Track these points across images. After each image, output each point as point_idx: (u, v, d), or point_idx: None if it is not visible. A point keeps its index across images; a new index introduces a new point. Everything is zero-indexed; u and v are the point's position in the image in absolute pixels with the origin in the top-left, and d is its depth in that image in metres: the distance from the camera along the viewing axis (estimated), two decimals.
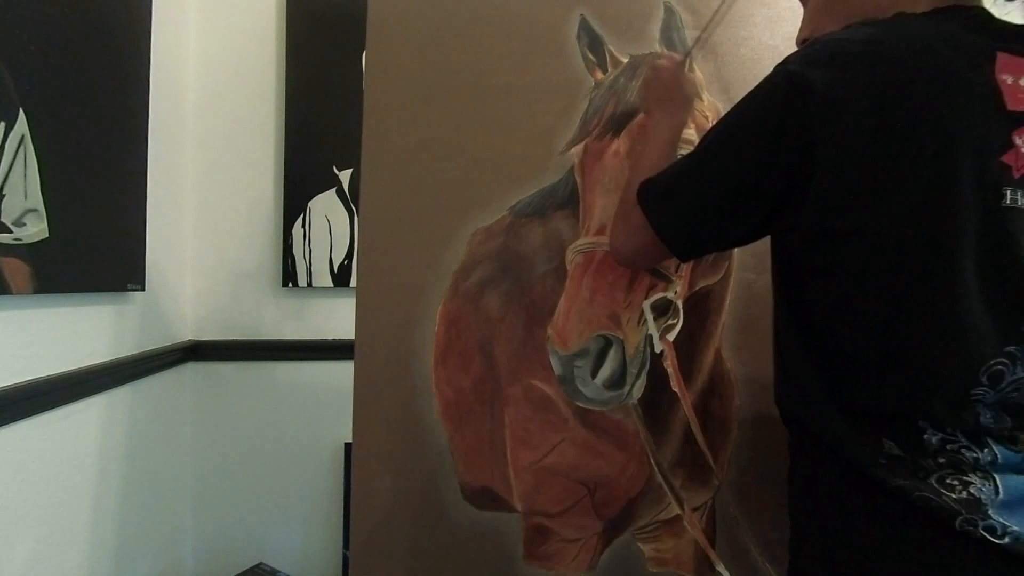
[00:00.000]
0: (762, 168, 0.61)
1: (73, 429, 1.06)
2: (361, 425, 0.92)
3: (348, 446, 1.57)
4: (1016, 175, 0.55)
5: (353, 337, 0.93)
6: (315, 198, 1.63)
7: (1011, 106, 0.56)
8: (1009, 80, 0.56)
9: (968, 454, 0.55)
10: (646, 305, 0.94)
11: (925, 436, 0.56)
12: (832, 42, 0.60)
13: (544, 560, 0.92)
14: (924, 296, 0.56)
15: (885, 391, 0.58)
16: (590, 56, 1.02)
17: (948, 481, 0.54)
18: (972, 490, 0.54)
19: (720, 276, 0.98)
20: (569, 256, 0.96)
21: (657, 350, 0.95)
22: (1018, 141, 0.56)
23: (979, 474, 0.54)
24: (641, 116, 0.98)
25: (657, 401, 0.94)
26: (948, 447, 0.56)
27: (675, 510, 0.93)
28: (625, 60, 1.02)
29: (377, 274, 0.95)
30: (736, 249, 0.96)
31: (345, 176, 1.64)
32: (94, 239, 1.10)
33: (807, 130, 0.58)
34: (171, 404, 1.49)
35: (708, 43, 1.02)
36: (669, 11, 1.03)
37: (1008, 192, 0.55)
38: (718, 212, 0.66)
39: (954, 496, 0.54)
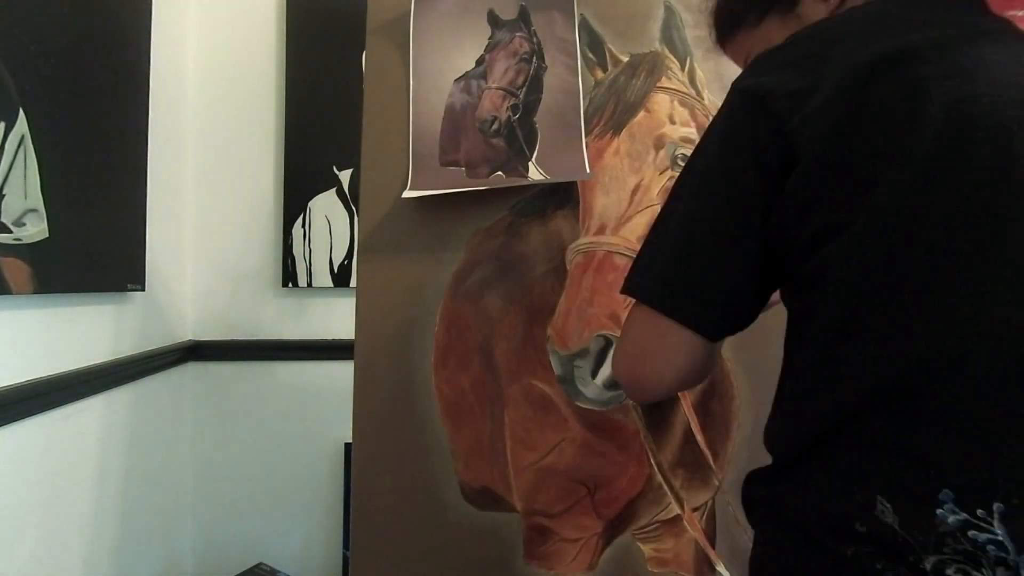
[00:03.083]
0: (753, 191, 0.53)
1: (73, 429, 1.06)
2: (361, 425, 0.92)
3: (348, 446, 1.57)
4: None
5: (353, 337, 0.93)
6: (315, 198, 1.63)
7: None
8: None
9: (996, 552, 0.39)
10: None
11: (940, 511, 0.41)
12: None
13: (544, 560, 0.92)
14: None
15: (908, 427, 0.44)
16: (590, 55, 1.02)
17: (948, 572, 0.40)
18: None
19: None
20: (569, 256, 0.96)
21: None
22: None
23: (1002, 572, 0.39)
24: (642, 114, 0.98)
25: (657, 401, 0.94)
26: (970, 533, 0.40)
27: (675, 510, 0.93)
28: (625, 59, 1.02)
29: (377, 274, 0.95)
30: None
31: (345, 176, 1.64)
32: (94, 239, 1.10)
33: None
34: (171, 404, 1.49)
35: (708, 42, 1.02)
36: (669, 10, 1.03)
37: None
38: (727, 255, 0.54)
39: None
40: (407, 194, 0.95)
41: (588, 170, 0.97)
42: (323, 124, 1.62)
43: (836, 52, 0.51)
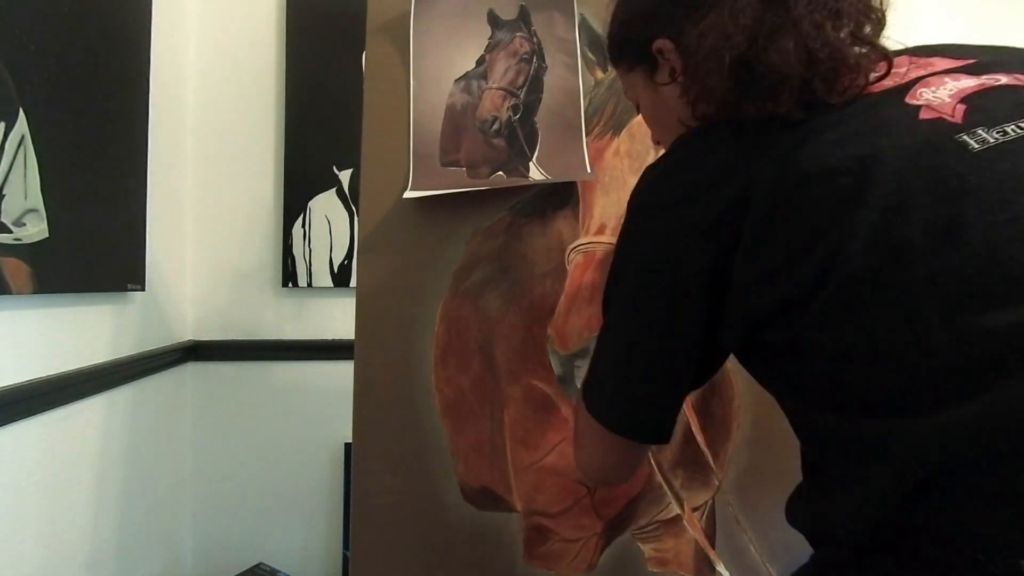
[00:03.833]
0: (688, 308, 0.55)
1: (73, 429, 1.06)
2: (361, 425, 0.92)
3: (348, 446, 1.57)
4: None
5: (353, 337, 0.93)
6: (315, 198, 1.63)
7: None
8: None
9: None
10: None
11: None
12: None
13: (544, 560, 0.92)
14: None
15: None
16: (590, 55, 1.02)
17: None
18: None
19: None
20: (569, 256, 0.96)
21: None
22: None
23: None
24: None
25: None
26: None
27: (675, 510, 0.93)
28: None
29: (377, 274, 0.95)
30: None
31: (345, 176, 1.64)
32: (94, 239, 1.10)
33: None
34: (171, 404, 1.49)
35: None
36: None
37: None
38: (667, 375, 0.58)
39: None
40: (408, 194, 0.95)
41: (589, 170, 0.97)
42: (323, 124, 1.62)
43: (725, 152, 0.54)
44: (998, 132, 0.46)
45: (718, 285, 0.53)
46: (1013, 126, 0.47)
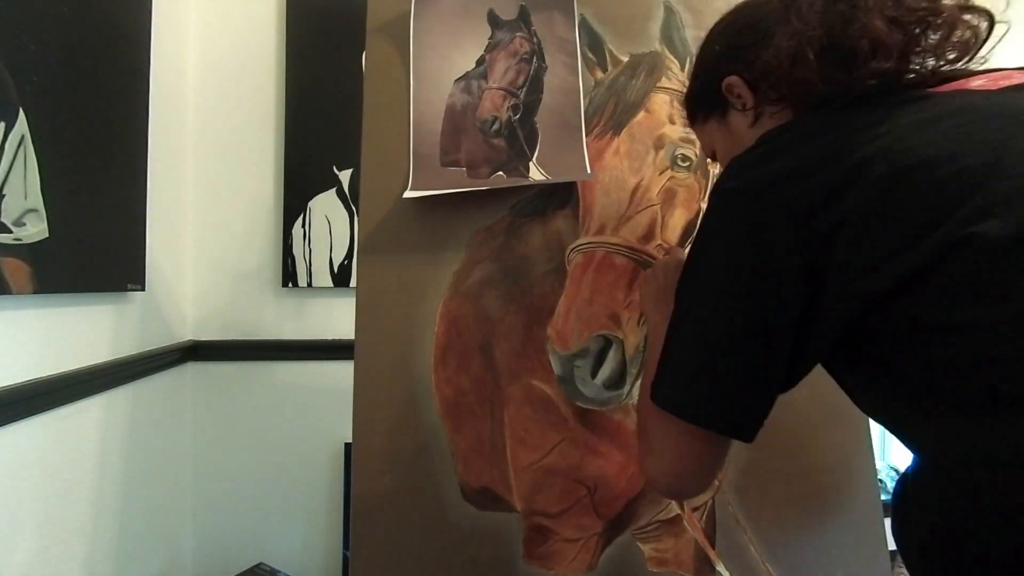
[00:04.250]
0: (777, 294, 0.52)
1: (73, 429, 1.06)
2: (361, 425, 0.92)
3: (348, 446, 1.57)
4: None
5: (353, 337, 0.93)
6: (315, 198, 1.63)
7: None
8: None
9: None
10: None
11: None
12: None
13: (544, 560, 0.92)
14: None
15: None
16: (590, 55, 1.02)
17: None
18: None
19: None
20: (569, 256, 0.96)
21: None
22: None
23: None
24: (642, 115, 0.98)
25: None
26: None
27: (675, 510, 0.93)
28: (625, 59, 1.02)
29: (377, 274, 0.95)
30: None
31: (345, 176, 1.64)
32: (94, 239, 1.10)
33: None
34: (171, 404, 1.49)
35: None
36: (669, 10, 1.03)
37: None
38: (751, 365, 0.54)
39: None
40: (408, 194, 0.95)
41: (589, 170, 0.97)
42: (323, 124, 1.63)
43: (820, 140, 0.54)
44: None
45: (810, 275, 0.51)
46: None
